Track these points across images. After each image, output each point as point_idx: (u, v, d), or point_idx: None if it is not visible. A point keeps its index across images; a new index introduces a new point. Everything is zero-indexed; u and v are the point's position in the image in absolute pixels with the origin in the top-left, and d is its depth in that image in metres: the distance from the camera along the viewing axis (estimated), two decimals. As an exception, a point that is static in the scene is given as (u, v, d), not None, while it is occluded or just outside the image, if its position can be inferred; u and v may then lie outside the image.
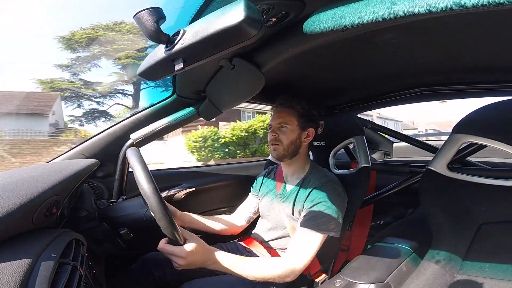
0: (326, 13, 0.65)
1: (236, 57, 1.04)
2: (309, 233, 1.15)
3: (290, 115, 1.36)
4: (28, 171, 0.83)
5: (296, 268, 1.09)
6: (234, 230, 1.48)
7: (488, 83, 1.45)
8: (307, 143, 1.40)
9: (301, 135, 1.36)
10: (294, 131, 1.34)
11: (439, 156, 1.17)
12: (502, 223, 1.02)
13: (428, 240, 1.14)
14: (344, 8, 0.61)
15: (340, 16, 0.61)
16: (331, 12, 0.63)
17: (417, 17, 0.51)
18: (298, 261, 1.10)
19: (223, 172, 2.08)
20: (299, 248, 1.14)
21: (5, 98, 14.75)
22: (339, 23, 0.61)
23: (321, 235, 1.15)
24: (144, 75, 0.84)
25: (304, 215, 1.22)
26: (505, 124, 1.05)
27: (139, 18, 0.63)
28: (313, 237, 1.14)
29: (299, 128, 1.35)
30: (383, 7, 0.54)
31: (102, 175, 1.39)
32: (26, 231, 0.67)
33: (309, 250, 1.13)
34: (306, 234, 1.15)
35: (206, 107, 1.34)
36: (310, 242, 1.14)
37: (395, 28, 0.68)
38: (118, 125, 1.37)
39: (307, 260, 1.12)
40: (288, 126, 1.34)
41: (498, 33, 0.94)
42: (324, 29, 0.65)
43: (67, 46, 16.34)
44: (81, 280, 0.67)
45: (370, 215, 1.67)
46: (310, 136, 1.39)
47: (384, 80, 1.57)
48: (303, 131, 1.37)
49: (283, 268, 1.06)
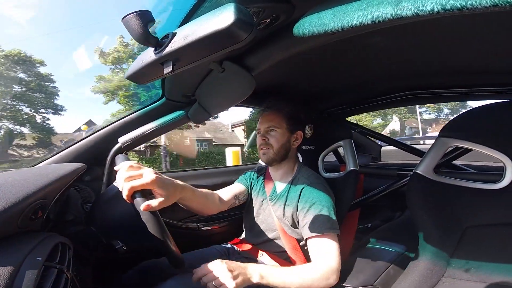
0: (315, 16, 0.65)
1: (226, 60, 1.04)
2: (322, 238, 1.13)
3: (279, 118, 1.35)
4: (12, 175, 0.81)
5: (334, 266, 1.06)
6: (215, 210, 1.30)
7: (475, 86, 1.48)
8: (296, 146, 1.40)
9: (291, 138, 1.36)
10: (283, 134, 1.34)
11: (425, 159, 1.19)
12: (487, 226, 1.04)
13: (415, 243, 1.15)
14: (333, 11, 0.61)
15: (329, 20, 0.61)
16: (321, 15, 0.64)
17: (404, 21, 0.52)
18: (330, 261, 1.08)
19: (214, 176, 2.07)
20: (323, 252, 1.11)
21: None
22: (328, 26, 0.61)
23: (332, 234, 1.14)
24: (133, 78, 0.83)
25: (305, 221, 1.19)
26: (489, 128, 1.07)
27: (127, 21, 0.63)
28: (328, 239, 1.13)
29: (288, 131, 1.35)
30: (372, 10, 0.54)
31: (89, 179, 1.37)
32: (11, 234, 0.66)
33: (332, 250, 1.11)
34: (321, 240, 1.13)
35: (196, 110, 1.34)
36: (328, 244, 1.12)
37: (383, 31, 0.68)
38: (105, 128, 1.35)
39: (337, 258, 1.09)
40: (278, 130, 1.34)
41: (486, 36, 0.97)
42: (313, 32, 0.66)
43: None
44: (68, 283, 0.66)
45: (356, 219, 1.68)
46: (299, 139, 1.39)
47: (373, 83, 1.59)
48: (292, 134, 1.37)
49: (321, 271, 1.04)
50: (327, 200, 1.22)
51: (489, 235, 1.03)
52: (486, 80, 1.40)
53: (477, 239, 1.05)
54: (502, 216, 1.02)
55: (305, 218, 1.20)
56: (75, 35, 37.03)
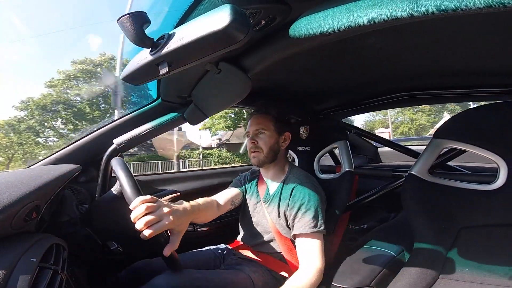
0: (311, 17, 0.65)
1: (222, 61, 1.04)
2: (308, 238, 1.18)
3: (267, 120, 1.38)
4: (5, 176, 0.81)
5: (317, 266, 1.12)
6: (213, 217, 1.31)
7: (470, 88, 1.49)
8: (284, 147, 1.41)
9: (279, 139, 1.39)
10: (271, 136, 1.37)
11: (420, 161, 1.19)
12: (481, 227, 1.05)
13: (411, 243, 1.16)
14: (329, 12, 0.61)
15: (325, 21, 0.62)
16: (316, 17, 0.64)
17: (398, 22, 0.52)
18: (314, 260, 1.13)
19: (209, 177, 2.07)
20: (308, 251, 1.17)
21: None
22: (324, 27, 0.62)
23: (318, 233, 1.18)
24: (128, 79, 0.83)
25: (293, 221, 1.23)
26: (483, 129, 1.07)
27: (123, 22, 0.63)
28: (314, 238, 1.18)
29: (276, 133, 1.38)
30: (368, 11, 0.55)
31: (84, 180, 1.36)
32: (5, 236, 0.66)
33: (316, 250, 1.16)
34: (306, 240, 1.18)
35: (192, 111, 1.34)
36: (313, 243, 1.17)
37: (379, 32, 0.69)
38: (101, 129, 1.35)
39: (321, 257, 1.15)
40: (266, 132, 1.36)
41: (482, 38, 0.97)
42: (309, 34, 0.66)
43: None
44: (62, 284, 0.66)
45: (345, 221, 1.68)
46: (287, 140, 1.41)
47: (369, 84, 1.60)
48: (280, 136, 1.39)
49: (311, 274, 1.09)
50: (316, 200, 1.23)
51: (484, 236, 1.03)
52: (482, 82, 1.41)
53: (472, 239, 1.05)
54: (497, 217, 1.02)
55: (293, 216, 1.23)
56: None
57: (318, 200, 1.24)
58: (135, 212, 0.82)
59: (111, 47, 40.73)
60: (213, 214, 1.28)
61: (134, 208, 0.83)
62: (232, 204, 1.42)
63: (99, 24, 37.10)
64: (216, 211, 1.30)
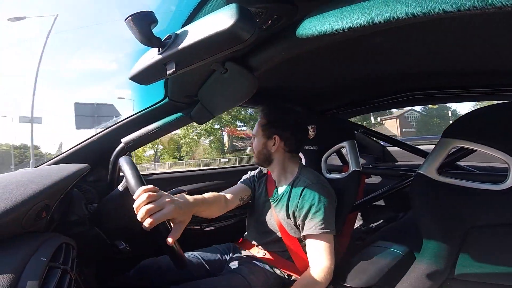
0: (318, 17, 0.65)
1: (228, 61, 1.04)
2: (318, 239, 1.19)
3: (258, 125, 1.42)
4: (16, 176, 0.82)
5: (327, 265, 1.14)
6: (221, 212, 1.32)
7: (478, 87, 1.47)
8: (276, 151, 1.40)
9: (267, 144, 1.40)
10: (259, 140, 1.41)
11: (429, 160, 1.18)
12: (491, 227, 1.03)
13: (419, 243, 1.15)
14: (336, 12, 0.61)
15: (332, 20, 0.61)
16: (323, 16, 0.64)
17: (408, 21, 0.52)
18: (324, 260, 1.15)
19: (216, 177, 2.08)
20: (318, 252, 1.18)
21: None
22: (331, 27, 0.61)
23: (328, 234, 1.18)
24: (136, 79, 0.83)
25: (303, 222, 1.23)
26: (493, 128, 1.06)
27: (130, 21, 0.63)
28: (323, 239, 1.18)
29: (265, 138, 1.40)
30: (375, 10, 0.54)
31: (93, 179, 1.37)
32: (15, 235, 0.66)
33: (326, 250, 1.17)
34: (316, 240, 1.19)
35: (199, 111, 1.34)
36: (323, 244, 1.18)
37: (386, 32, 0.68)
38: (109, 129, 1.35)
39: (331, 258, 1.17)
40: (256, 137, 1.43)
41: (487, 37, 0.96)
42: (316, 33, 0.66)
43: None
44: (72, 283, 0.66)
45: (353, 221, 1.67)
46: (277, 143, 1.38)
47: (374, 84, 1.59)
48: (268, 140, 1.39)
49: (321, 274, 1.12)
50: (326, 200, 1.23)
51: (493, 235, 1.02)
52: (490, 81, 1.39)
53: (481, 239, 1.04)
54: (507, 216, 1.01)
55: (303, 217, 1.23)
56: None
57: (329, 201, 1.24)
58: (137, 201, 0.82)
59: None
60: (221, 208, 1.28)
61: (137, 198, 0.83)
62: (241, 200, 1.42)
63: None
64: (223, 206, 1.30)
